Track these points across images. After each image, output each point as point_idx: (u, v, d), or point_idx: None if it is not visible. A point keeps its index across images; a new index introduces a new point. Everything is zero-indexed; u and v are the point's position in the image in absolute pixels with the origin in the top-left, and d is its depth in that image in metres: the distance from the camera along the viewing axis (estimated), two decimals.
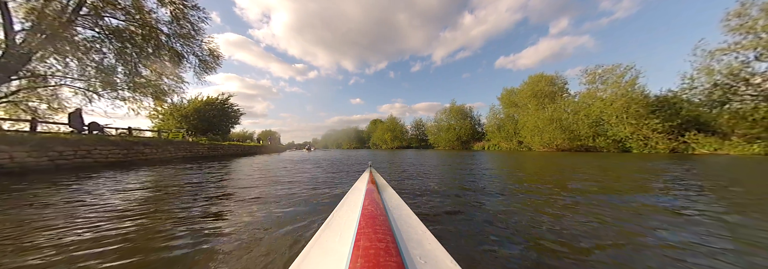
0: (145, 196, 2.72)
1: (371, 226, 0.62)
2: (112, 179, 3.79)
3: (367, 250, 0.48)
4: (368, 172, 1.88)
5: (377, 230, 0.60)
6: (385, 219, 0.70)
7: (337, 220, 0.78)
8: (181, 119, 17.95)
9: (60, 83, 9.64)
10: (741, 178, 3.99)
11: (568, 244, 1.37)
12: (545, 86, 27.24)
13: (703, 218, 1.87)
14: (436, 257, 0.52)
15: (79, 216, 1.94)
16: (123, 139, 7.24)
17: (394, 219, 0.76)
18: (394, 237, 0.58)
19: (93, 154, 6.11)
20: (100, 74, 9.63)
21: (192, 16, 10.69)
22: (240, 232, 1.57)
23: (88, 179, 3.77)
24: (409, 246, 0.57)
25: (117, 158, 6.71)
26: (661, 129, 16.27)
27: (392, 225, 0.69)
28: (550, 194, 2.74)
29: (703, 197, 2.58)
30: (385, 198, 1.06)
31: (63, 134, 6.44)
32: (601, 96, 20.12)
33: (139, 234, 1.57)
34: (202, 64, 11.97)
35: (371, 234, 0.57)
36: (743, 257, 1.22)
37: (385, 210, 0.82)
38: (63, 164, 5.47)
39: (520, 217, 1.88)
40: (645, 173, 4.50)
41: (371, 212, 0.76)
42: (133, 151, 7.34)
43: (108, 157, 6.45)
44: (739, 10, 12.60)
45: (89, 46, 9.16)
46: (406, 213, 0.85)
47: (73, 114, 9.12)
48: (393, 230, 0.64)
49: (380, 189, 1.25)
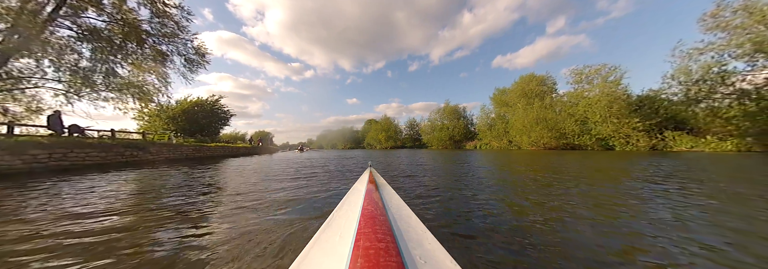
0: (111, 198, 2.79)
1: (371, 226, 0.62)
2: (77, 182, 3.84)
3: (367, 250, 0.48)
4: (368, 172, 1.87)
5: (377, 230, 0.60)
6: (385, 219, 0.70)
7: (337, 220, 0.78)
8: (168, 120, 17.78)
9: (38, 84, 9.52)
10: (705, 171, 4.23)
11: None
12: (535, 85, 27.73)
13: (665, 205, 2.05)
14: (436, 257, 0.52)
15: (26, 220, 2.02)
16: (101, 141, 7.21)
17: (394, 219, 0.76)
18: (394, 237, 0.58)
19: (69, 157, 6.10)
20: (79, 75, 9.53)
21: (176, 15, 10.64)
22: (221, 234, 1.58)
23: (51, 184, 3.81)
24: (409, 246, 0.57)
25: (95, 161, 6.70)
26: (641, 127, 16.76)
27: (392, 225, 0.69)
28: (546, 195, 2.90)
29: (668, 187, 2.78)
30: (385, 198, 1.05)
31: (39, 137, 6.41)
32: (587, 96, 20.60)
33: (106, 237, 1.65)
34: (188, 63, 11.89)
35: (371, 234, 0.57)
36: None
37: (385, 210, 0.82)
38: (37, 167, 5.46)
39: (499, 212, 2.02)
40: (616, 171, 4.71)
41: (371, 212, 0.76)
42: (113, 153, 7.32)
43: (85, 160, 6.43)
44: (715, 11, 13.06)
45: (68, 47, 9.07)
46: (406, 213, 0.85)
47: (52, 116, 9.01)
48: (393, 230, 0.64)
49: (380, 189, 1.25)
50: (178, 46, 11.23)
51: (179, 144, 11.08)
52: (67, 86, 9.93)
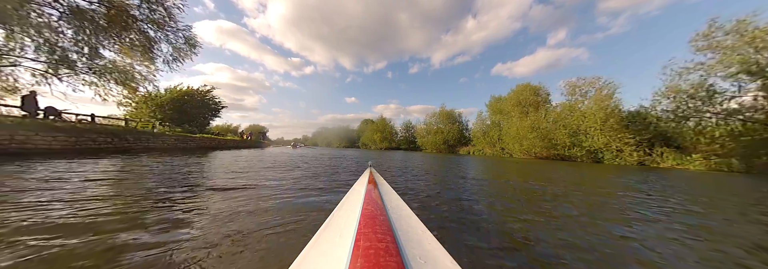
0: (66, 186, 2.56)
1: (371, 226, 0.62)
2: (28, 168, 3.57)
3: (367, 250, 0.48)
4: (368, 172, 1.88)
5: (377, 230, 0.60)
6: (385, 219, 0.70)
7: (337, 220, 0.78)
8: (155, 108, 17.32)
9: (16, 62, 9.11)
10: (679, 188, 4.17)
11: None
12: (530, 95, 27.90)
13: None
14: (435, 257, 0.52)
15: None
16: (72, 126, 6.88)
17: (393, 219, 0.75)
18: (393, 237, 0.58)
19: (33, 140, 5.77)
20: (57, 54, 9.15)
21: (167, 2, 10.33)
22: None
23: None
24: (408, 246, 0.56)
25: (63, 146, 6.37)
26: (632, 142, 16.93)
27: (392, 225, 0.69)
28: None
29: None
30: (384, 198, 1.05)
31: (3, 118, 6.06)
32: (581, 108, 20.76)
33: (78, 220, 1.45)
34: (176, 51, 11.57)
35: (371, 234, 0.57)
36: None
37: (384, 210, 0.82)
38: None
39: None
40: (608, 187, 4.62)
41: (371, 212, 0.76)
42: (84, 138, 6.98)
43: (51, 144, 6.10)
44: (706, 32, 13.28)
45: (48, 25, 8.69)
46: (406, 213, 0.85)
47: (26, 97, 8.63)
48: (393, 230, 0.64)
49: (380, 189, 1.24)
50: (167, 33, 10.91)
51: (161, 133, 10.73)
52: (45, 66, 9.54)
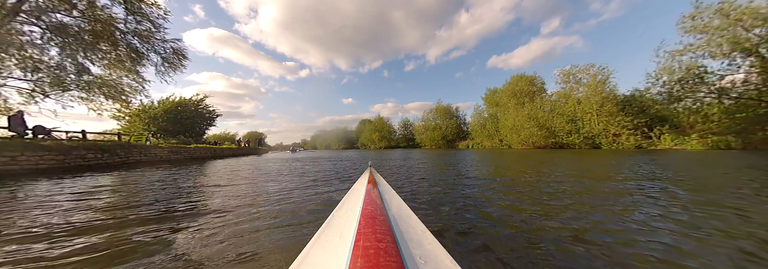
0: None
1: (371, 226, 0.62)
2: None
3: (367, 250, 0.48)
4: (368, 172, 1.87)
5: (377, 230, 0.60)
6: (385, 219, 0.70)
7: (337, 220, 0.78)
8: (149, 120, 17.27)
9: (1, 82, 9.05)
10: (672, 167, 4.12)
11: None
12: (525, 85, 27.85)
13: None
14: (435, 257, 0.52)
15: None
16: (59, 144, 6.83)
17: (394, 219, 0.75)
18: (394, 237, 0.58)
19: (18, 160, 5.73)
20: (45, 73, 9.10)
21: (151, 13, 10.27)
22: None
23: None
24: (408, 246, 0.56)
25: (50, 165, 6.33)
26: (630, 126, 16.89)
27: (392, 225, 0.69)
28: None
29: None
30: (384, 198, 1.05)
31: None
32: (576, 95, 20.70)
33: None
34: (165, 62, 11.50)
35: (371, 234, 0.57)
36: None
37: (385, 210, 0.82)
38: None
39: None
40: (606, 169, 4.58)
41: (371, 212, 0.76)
42: (73, 156, 6.94)
43: (38, 163, 6.07)
44: (693, 13, 13.18)
45: (33, 43, 8.63)
46: (406, 213, 0.85)
47: (13, 117, 8.56)
48: (393, 230, 0.64)
49: (380, 189, 1.24)
50: (155, 45, 10.84)
51: (154, 146, 10.69)
52: (32, 85, 9.48)
